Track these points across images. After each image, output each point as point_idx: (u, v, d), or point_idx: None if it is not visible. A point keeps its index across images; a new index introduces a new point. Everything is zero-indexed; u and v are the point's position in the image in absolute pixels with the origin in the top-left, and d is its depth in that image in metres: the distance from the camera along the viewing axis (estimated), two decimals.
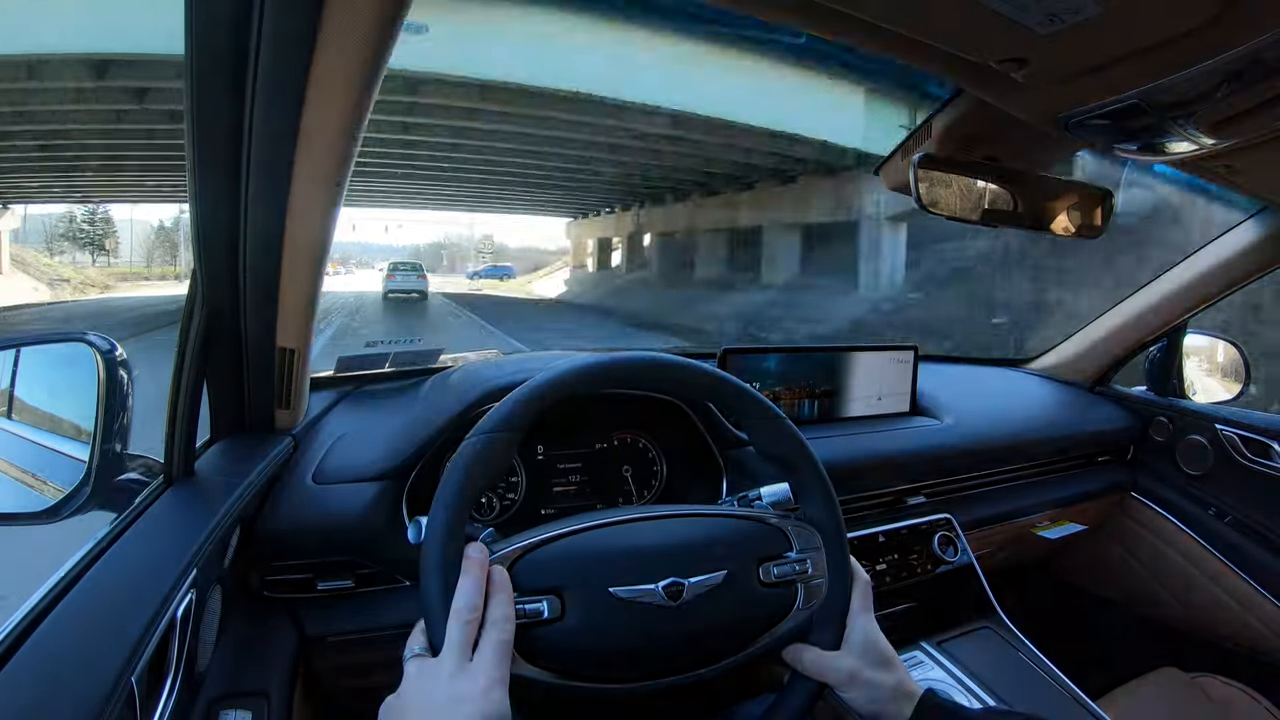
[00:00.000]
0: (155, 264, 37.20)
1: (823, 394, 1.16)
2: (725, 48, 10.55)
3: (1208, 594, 1.34)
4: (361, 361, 1.14)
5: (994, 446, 1.23)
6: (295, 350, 0.80)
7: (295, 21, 0.52)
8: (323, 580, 0.79)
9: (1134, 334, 1.44)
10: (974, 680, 0.90)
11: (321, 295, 0.78)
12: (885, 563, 1.02)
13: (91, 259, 35.50)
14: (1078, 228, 0.88)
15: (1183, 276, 1.34)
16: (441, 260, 66.03)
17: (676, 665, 0.55)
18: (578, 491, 0.96)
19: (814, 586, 0.59)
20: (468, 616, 0.48)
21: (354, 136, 0.62)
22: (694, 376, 0.62)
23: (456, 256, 66.06)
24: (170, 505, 0.66)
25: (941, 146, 0.82)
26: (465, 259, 61.92)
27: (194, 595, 0.58)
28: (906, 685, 0.57)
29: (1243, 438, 1.32)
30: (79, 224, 34.19)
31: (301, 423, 0.89)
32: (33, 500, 0.67)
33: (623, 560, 0.55)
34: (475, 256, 51.75)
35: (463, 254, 65.80)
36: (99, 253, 36.27)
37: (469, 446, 0.54)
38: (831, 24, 0.54)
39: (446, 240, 69.38)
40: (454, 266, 61.03)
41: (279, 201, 0.65)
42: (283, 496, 0.78)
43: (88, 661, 0.45)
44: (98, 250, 36.22)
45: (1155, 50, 0.52)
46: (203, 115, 0.58)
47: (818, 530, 0.61)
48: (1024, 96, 0.63)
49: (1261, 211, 1.19)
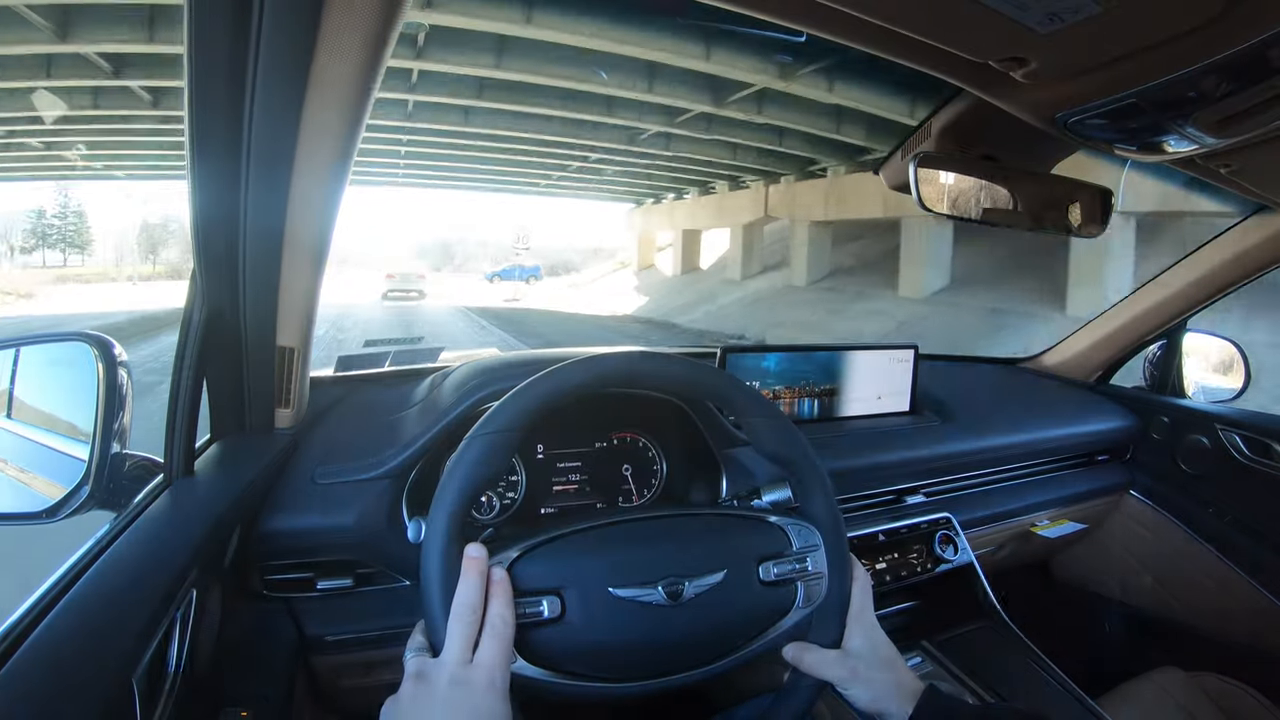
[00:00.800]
0: (128, 261, 33.34)
1: (823, 393, 1.16)
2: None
3: (1207, 593, 1.34)
4: (361, 361, 1.14)
5: (994, 445, 1.24)
6: (295, 349, 0.80)
7: (295, 19, 0.52)
8: (323, 580, 0.79)
9: (1134, 333, 1.45)
10: (974, 679, 0.90)
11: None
12: (885, 562, 1.02)
13: (63, 257, 33.54)
14: (1078, 227, 0.88)
15: (1182, 276, 1.34)
16: (453, 258, 60.26)
17: (677, 665, 0.55)
18: (577, 491, 0.96)
19: (814, 585, 0.59)
20: (468, 616, 0.48)
21: (354, 134, 0.62)
22: (694, 375, 0.62)
23: (468, 253, 60.19)
24: (170, 505, 0.66)
25: (941, 145, 0.82)
26: (473, 256, 57.01)
27: (194, 595, 0.58)
28: (907, 683, 0.57)
29: (1243, 436, 1.32)
30: (49, 220, 31.92)
31: (301, 422, 0.89)
32: (33, 500, 0.67)
33: (623, 560, 0.55)
34: (507, 252, 42.01)
35: (467, 251, 60.55)
36: (72, 250, 34.40)
37: (469, 445, 0.54)
38: (832, 24, 0.54)
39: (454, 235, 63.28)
40: (464, 265, 55.86)
41: (279, 199, 0.65)
42: (283, 496, 0.78)
43: (88, 661, 0.45)
44: (70, 248, 34.36)
45: (1155, 49, 0.52)
46: (202, 113, 0.58)
47: (817, 529, 0.61)
48: (1024, 96, 0.63)
49: (1261, 211, 1.19)
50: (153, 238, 37.83)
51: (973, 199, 0.82)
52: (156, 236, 37.85)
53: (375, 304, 18.98)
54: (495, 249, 53.40)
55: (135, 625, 0.49)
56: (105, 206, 34.53)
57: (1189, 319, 1.40)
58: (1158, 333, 1.43)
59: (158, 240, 38.27)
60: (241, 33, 0.53)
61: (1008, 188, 0.83)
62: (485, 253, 56.99)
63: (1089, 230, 0.89)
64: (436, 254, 61.35)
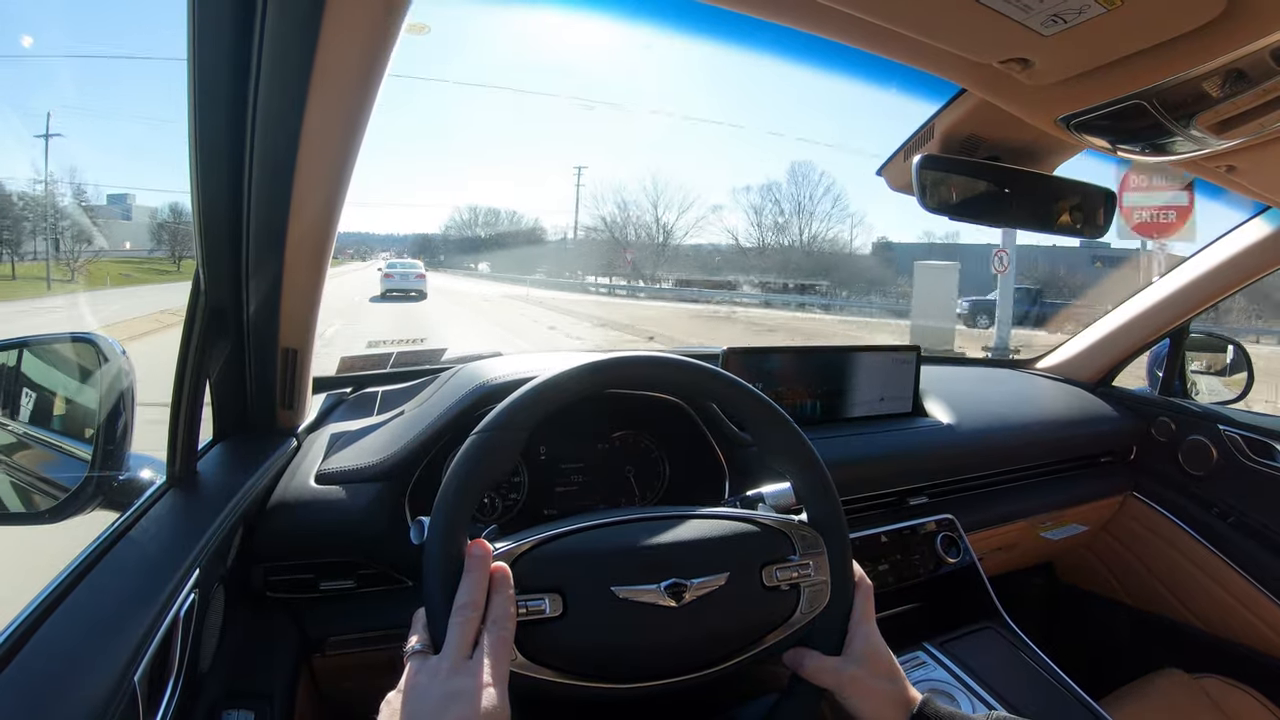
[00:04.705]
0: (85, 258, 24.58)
1: (825, 395, 1.16)
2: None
3: (1211, 595, 1.33)
4: (364, 362, 1.14)
5: (996, 447, 1.23)
6: (297, 350, 0.80)
7: (297, 20, 0.52)
8: (325, 581, 0.79)
9: (1136, 334, 1.44)
10: (976, 681, 0.90)
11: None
12: (888, 563, 1.02)
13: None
14: (1080, 227, 0.88)
15: (1185, 277, 1.34)
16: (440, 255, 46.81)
17: (677, 666, 0.55)
18: (580, 492, 0.96)
19: (816, 590, 0.59)
20: (469, 613, 0.48)
21: (357, 136, 0.62)
22: (698, 377, 0.61)
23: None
24: (172, 505, 0.66)
25: (944, 147, 0.82)
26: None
27: (196, 595, 0.58)
28: (906, 693, 0.57)
29: (1245, 438, 1.32)
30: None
31: (304, 423, 0.89)
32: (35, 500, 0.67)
33: (625, 560, 0.55)
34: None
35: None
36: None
37: (472, 446, 0.53)
38: (836, 25, 0.54)
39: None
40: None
41: (282, 202, 0.65)
42: (285, 497, 0.78)
43: (90, 661, 0.45)
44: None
45: (1158, 50, 0.52)
46: (205, 115, 0.58)
47: (820, 533, 0.60)
48: (1027, 97, 0.63)
49: (1263, 212, 1.19)
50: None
51: (975, 200, 0.82)
52: None
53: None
54: None
55: (137, 626, 0.49)
56: None
57: (1191, 320, 1.40)
58: (1160, 334, 1.43)
59: None
60: (244, 36, 0.53)
61: (1010, 188, 0.83)
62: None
63: (1090, 231, 0.89)
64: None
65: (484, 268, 40.90)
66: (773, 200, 34.07)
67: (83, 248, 22.03)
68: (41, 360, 0.73)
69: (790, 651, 0.59)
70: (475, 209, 46.28)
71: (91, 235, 23.34)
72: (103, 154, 57.96)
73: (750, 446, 0.95)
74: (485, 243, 43.46)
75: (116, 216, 31.06)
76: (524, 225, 43.72)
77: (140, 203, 32.82)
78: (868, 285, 27.91)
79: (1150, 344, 1.46)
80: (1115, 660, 1.43)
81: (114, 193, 35.23)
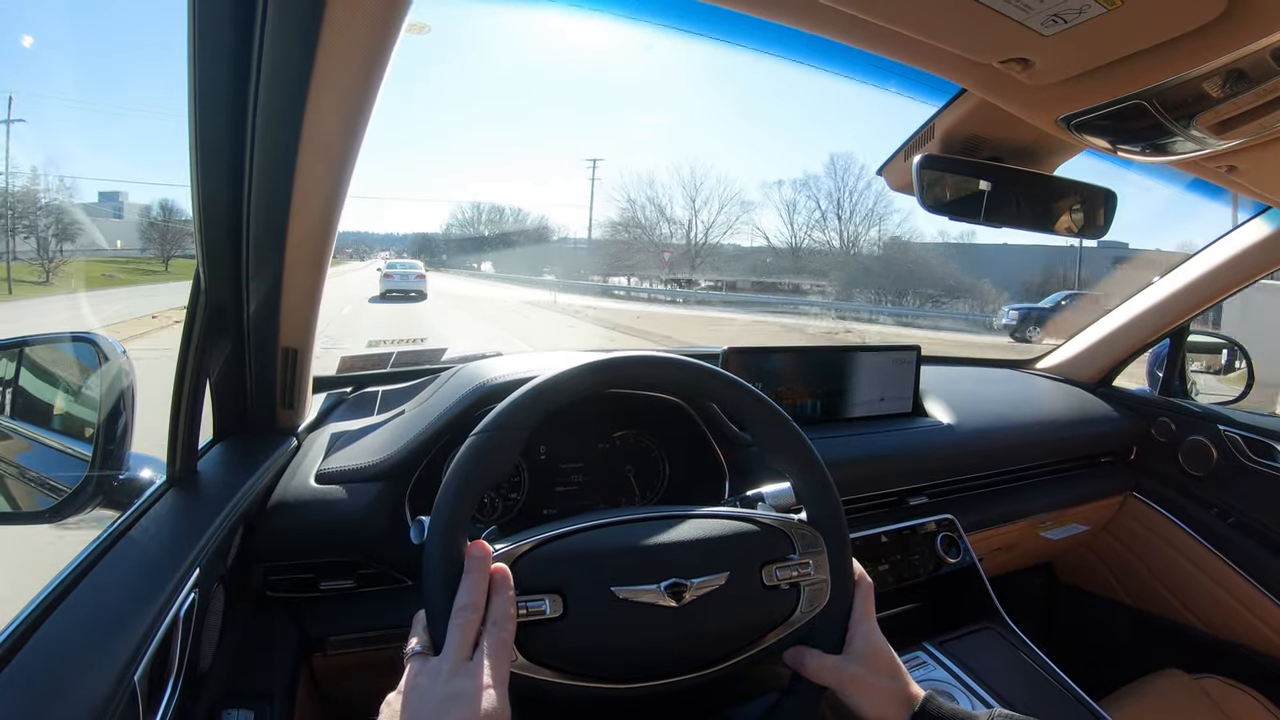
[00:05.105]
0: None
1: (825, 394, 1.16)
2: None
3: (1211, 595, 1.33)
4: (364, 361, 1.14)
5: (996, 447, 1.23)
6: (298, 350, 0.80)
7: (297, 19, 0.52)
8: (325, 580, 0.79)
9: (1136, 335, 1.44)
10: (977, 681, 0.90)
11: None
12: (888, 563, 1.02)
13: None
14: (1080, 228, 0.88)
15: (1185, 277, 1.34)
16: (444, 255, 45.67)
17: (678, 666, 0.55)
18: (580, 492, 0.96)
19: (816, 589, 0.59)
20: (469, 614, 0.48)
21: (357, 136, 0.62)
22: (698, 377, 0.61)
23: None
24: (172, 505, 0.66)
25: (945, 147, 0.82)
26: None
27: (196, 595, 0.58)
28: (908, 690, 0.57)
29: (1245, 438, 1.32)
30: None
31: (304, 423, 0.89)
32: (35, 499, 0.67)
33: (625, 560, 0.55)
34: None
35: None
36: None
37: (472, 446, 0.53)
38: (836, 25, 0.54)
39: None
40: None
41: (282, 201, 0.65)
42: (285, 497, 0.78)
43: (90, 661, 0.45)
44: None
45: (1158, 51, 0.52)
46: (205, 115, 0.58)
47: (820, 533, 0.60)
48: (1027, 97, 0.63)
49: (1263, 212, 1.19)
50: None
51: (976, 200, 0.82)
52: None
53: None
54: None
55: (138, 625, 0.49)
56: None
57: (1191, 321, 1.40)
58: (1160, 334, 1.43)
59: None
60: (244, 36, 0.53)
61: (1011, 189, 0.83)
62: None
63: (1091, 231, 0.89)
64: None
65: (487, 267, 39.93)
66: (812, 196, 30.40)
67: (63, 246, 21.22)
68: (41, 360, 0.73)
69: (791, 650, 0.59)
70: (478, 206, 44.83)
71: (73, 234, 22.38)
72: (90, 150, 57.39)
73: (750, 446, 0.95)
74: (489, 241, 42.31)
75: (108, 215, 30.59)
76: (530, 223, 42.66)
77: (133, 200, 32.40)
78: (948, 292, 25.03)
79: (1150, 344, 1.46)
80: (1115, 660, 1.43)
81: (106, 190, 34.94)
